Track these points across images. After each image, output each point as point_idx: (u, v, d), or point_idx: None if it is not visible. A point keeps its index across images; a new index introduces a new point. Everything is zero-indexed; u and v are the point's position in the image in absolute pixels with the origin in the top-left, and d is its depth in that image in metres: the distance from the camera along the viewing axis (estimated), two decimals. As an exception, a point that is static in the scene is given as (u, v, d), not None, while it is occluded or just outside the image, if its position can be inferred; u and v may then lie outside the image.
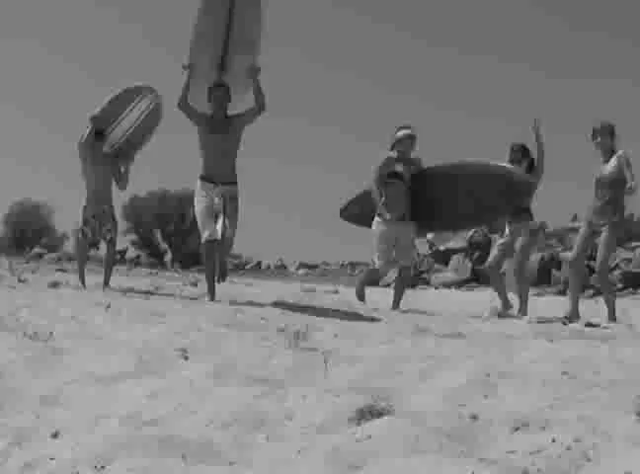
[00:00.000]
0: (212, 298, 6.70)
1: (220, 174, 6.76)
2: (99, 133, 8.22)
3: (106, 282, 8.10)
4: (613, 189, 6.46)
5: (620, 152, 6.38)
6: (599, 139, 6.44)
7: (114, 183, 8.47)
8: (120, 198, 9.36)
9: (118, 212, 8.89)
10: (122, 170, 8.49)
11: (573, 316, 6.40)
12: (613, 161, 6.37)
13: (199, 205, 6.76)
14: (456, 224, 8.12)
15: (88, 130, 8.18)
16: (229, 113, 6.95)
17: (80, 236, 8.41)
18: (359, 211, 7.76)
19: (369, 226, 7.37)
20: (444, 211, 7.46)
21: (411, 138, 7.32)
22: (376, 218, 7.25)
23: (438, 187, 7.35)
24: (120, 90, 8.43)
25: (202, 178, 6.79)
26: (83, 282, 8.21)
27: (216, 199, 6.68)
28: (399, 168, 7.28)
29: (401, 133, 7.29)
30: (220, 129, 6.85)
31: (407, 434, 1.81)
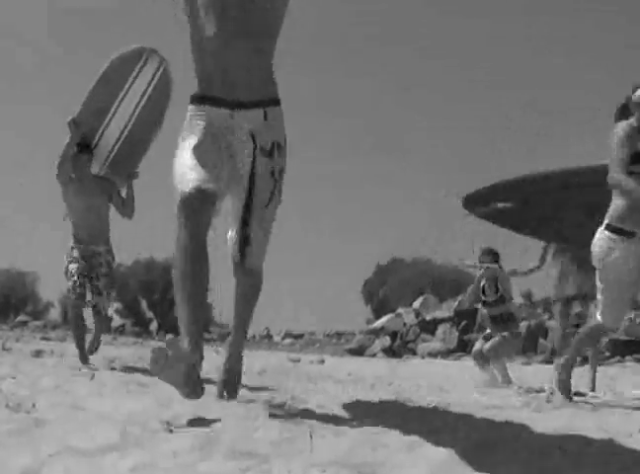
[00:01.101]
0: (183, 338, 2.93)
1: (238, 83, 3.15)
2: (84, 145, 5.95)
3: (90, 351, 6.35)
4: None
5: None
6: None
7: (111, 212, 6.28)
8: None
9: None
10: (124, 191, 6.27)
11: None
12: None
13: (183, 149, 3.16)
14: None
15: (67, 141, 5.85)
16: None
17: (69, 293, 6.16)
18: (489, 204, 5.40)
19: (498, 223, 5.33)
20: None
21: None
22: (607, 234, 4.44)
23: None
24: (107, 65, 5.68)
25: (197, 99, 3.26)
26: (83, 359, 6.18)
27: (235, 142, 3.19)
28: None
29: None
30: None
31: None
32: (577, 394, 5.90)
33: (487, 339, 7.34)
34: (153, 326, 36.73)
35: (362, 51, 62.23)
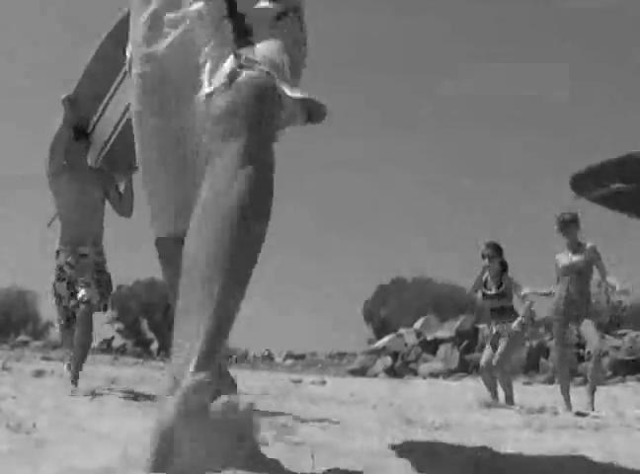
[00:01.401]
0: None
1: None
2: (80, 131, 4.97)
3: (74, 375, 5.43)
4: (585, 278, 6.65)
5: (591, 244, 6.60)
6: (567, 230, 6.63)
7: (104, 209, 5.47)
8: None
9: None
10: (122, 185, 5.41)
11: (566, 407, 6.42)
12: (588, 253, 6.57)
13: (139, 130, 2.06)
14: None
15: (59, 125, 5.07)
16: None
17: (56, 304, 5.49)
18: (602, 184, 4.18)
19: (614, 207, 4.42)
20: None
21: None
22: None
23: None
24: (111, 28, 3.69)
25: None
26: (74, 379, 5.44)
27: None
28: None
29: None
30: None
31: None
32: (578, 414, 5.89)
33: (494, 345, 7.29)
34: (154, 346, 36.68)
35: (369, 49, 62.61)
